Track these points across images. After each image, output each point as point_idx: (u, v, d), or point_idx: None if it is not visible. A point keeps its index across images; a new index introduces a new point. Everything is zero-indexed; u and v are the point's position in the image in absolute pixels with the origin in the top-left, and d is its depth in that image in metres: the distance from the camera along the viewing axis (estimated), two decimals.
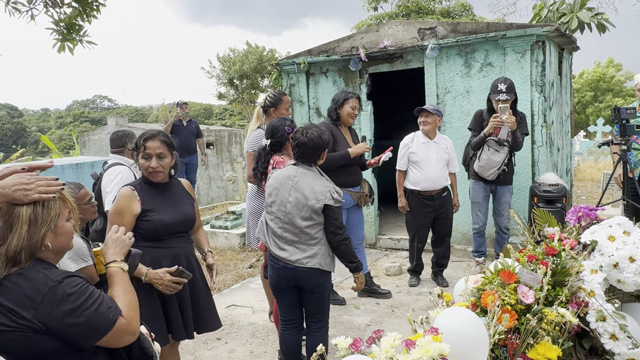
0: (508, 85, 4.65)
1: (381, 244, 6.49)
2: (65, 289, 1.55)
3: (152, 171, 2.63)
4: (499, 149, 4.78)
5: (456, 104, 5.90)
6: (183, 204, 2.77)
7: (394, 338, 1.49)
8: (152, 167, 2.62)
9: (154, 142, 2.64)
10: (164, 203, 2.67)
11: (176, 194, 2.79)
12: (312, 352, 3.04)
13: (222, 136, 13.23)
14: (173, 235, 2.69)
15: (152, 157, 2.62)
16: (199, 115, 47.19)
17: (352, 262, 3.01)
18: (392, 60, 6.24)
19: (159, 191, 2.70)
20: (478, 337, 1.54)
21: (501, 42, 5.49)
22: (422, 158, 4.67)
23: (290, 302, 3.08)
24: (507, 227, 5.04)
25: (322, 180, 2.97)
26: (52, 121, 57.94)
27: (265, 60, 24.09)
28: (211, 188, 12.41)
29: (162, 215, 2.62)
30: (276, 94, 3.97)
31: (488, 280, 1.92)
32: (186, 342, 3.87)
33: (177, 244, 2.72)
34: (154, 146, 2.63)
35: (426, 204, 4.73)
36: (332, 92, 6.57)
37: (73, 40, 5.71)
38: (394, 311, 4.37)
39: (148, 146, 2.62)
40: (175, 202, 2.74)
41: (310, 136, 2.95)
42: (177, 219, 2.69)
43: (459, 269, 5.35)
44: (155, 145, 2.63)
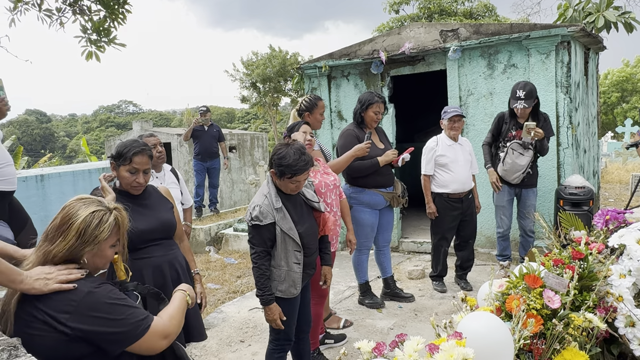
0: (527, 92, 4.58)
1: (404, 247, 6.45)
2: (101, 296, 1.60)
3: (137, 185, 2.57)
4: (524, 152, 4.71)
5: (479, 106, 5.84)
6: (160, 210, 2.67)
7: (417, 342, 1.48)
8: (139, 182, 2.55)
9: (143, 157, 2.56)
10: (137, 211, 2.52)
11: (152, 201, 2.68)
12: None
13: (245, 140, 13.34)
14: (151, 244, 2.58)
15: (139, 173, 2.55)
16: (222, 119, 47.67)
17: (257, 290, 2.76)
18: (414, 63, 6.21)
19: (133, 199, 2.58)
20: (503, 342, 1.53)
21: (525, 43, 5.42)
22: (451, 160, 4.62)
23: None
24: (532, 230, 4.96)
25: (259, 194, 2.81)
26: (79, 126, 59.21)
27: (288, 63, 24.22)
28: (234, 191, 12.52)
29: (135, 224, 2.41)
30: (312, 99, 3.98)
31: (513, 285, 1.90)
32: (210, 344, 3.91)
33: (157, 253, 2.59)
34: (142, 162, 2.56)
35: (454, 206, 4.68)
36: (353, 95, 6.58)
37: (100, 47, 5.84)
38: (417, 315, 4.34)
39: (136, 161, 2.54)
40: (150, 208, 2.64)
41: (279, 149, 2.77)
42: (151, 226, 2.57)
43: (482, 273, 5.29)
44: (143, 160, 2.56)
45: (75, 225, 1.63)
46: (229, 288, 5.52)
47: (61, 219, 1.66)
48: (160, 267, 2.57)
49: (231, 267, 6.41)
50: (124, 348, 1.61)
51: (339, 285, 5.18)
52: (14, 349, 1.40)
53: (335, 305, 4.59)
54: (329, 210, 3.45)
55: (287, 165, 2.68)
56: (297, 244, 2.76)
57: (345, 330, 4.05)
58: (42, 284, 1.57)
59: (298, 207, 2.86)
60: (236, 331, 4.20)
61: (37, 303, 1.56)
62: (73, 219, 1.64)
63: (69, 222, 1.64)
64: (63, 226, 1.65)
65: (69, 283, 1.60)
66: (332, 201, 3.51)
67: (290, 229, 2.73)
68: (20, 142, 29.82)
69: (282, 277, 2.76)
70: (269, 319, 2.77)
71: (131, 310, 1.64)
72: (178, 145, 11.37)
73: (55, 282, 1.58)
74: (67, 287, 1.58)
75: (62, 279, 1.59)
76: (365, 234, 4.34)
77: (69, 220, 1.64)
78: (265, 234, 2.69)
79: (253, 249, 2.73)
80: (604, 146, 16.84)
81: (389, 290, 4.67)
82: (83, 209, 1.67)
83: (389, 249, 4.66)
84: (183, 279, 2.66)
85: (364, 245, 4.39)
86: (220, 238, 7.69)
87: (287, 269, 2.76)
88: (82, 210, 1.66)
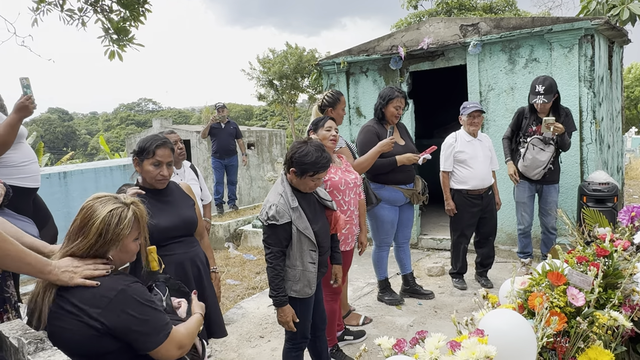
0: (547, 86, 4.51)
1: (423, 244, 6.42)
2: (132, 294, 1.63)
3: (161, 179, 2.57)
4: (545, 147, 4.64)
5: (500, 102, 5.77)
6: (181, 207, 2.67)
7: (438, 339, 1.47)
8: (163, 175, 2.56)
9: (165, 150, 2.58)
10: (159, 208, 2.54)
11: (174, 198, 2.68)
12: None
13: (263, 137, 13.39)
14: (173, 241, 2.58)
15: (163, 165, 2.56)
16: (240, 116, 47.90)
17: (271, 291, 2.72)
18: (433, 58, 6.16)
19: (155, 196, 2.59)
20: (525, 340, 1.51)
21: (547, 36, 5.33)
22: (470, 156, 4.57)
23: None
24: (554, 227, 4.89)
25: (273, 193, 2.79)
26: (100, 124, 60.09)
27: (305, 60, 24.22)
28: (252, 188, 12.58)
29: (157, 220, 2.45)
30: (334, 94, 3.96)
31: (535, 282, 1.88)
32: (230, 339, 3.94)
33: (179, 250, 2.59)
34: (165, 154, 2.57)
35: (474, 203, 4.63)
36: (372, 91, 6.55)
37: (122, 46, 5.91)
38: (436, 312, 4.31)
39: (159, 154, 2.55)
40: (172, 205, 2.64)
41: (298, 148, 2.75)
42: (174, 223, 2.57)
43: (503, 270, 5.23)
44: (165, 153, 2.57)
45: (95, 225, 1.66)
46: (248, 284, 5.55)
47: (81, 220, 1.69)
48: (182, 264, 2.58)
49: (250, 264, 6.44)
50: (146, 350, 1.64)
51: (358, 282, 5.17)
52: (40, 341, 1.43)
53: (354, 302, 4.59)
54: (345, 208, 3.44)
55: (310, 163, 2.68)
56: (312, 243, 2.75)
57: (365, 327, 4.04)
58: (68, 277, 1.60)
59: (312, 205, 2.86)
60: (255, 327, 4.23)
61: (69, 297, 1.60)
62: (93, 220, 1.67)
63: (89, 223, 1.67)
64: (84, 228, 1.68)
65: (93, 279, 1.63)
66: (350, 199, 3.49)
67: (306, 229, 2.72)
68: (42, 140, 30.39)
69: (297, 277, 2.75)
70: (282, 321, 2.75)
71: (158, 314, 1.68)
72: (197, 143, 11.47)
73: (80, 277, 1.61)
74: (91, 283, 1.61)
75: (87, 274, 1.62)
76: (385, 231, 4.32)
77: (89, 221, 1.67)
78: (282, 234, 2.68)
79: (268, 249, 2.71)
80: (628, 142, 16.50)
81: (409, 287, 4.64)
82: (101, 209, 1.69)
83: (409, 246, 4.64)
84: (204, 276, 2.69)
85: (384, 242, 4.38)
86: (239, 234, 7.74)
87: (302, 268, 2.76)
88: (100, 210, 1.68)
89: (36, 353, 1.42)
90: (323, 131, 3.40)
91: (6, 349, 1.60)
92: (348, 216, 3.44)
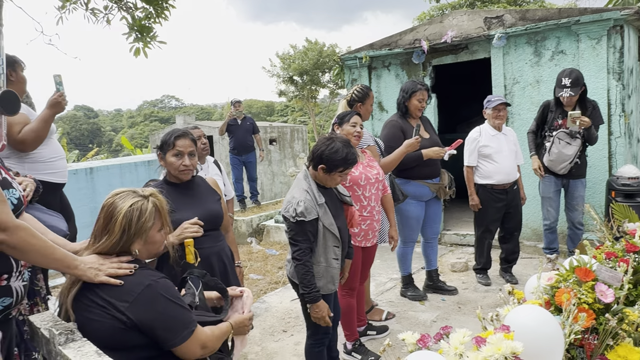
0: (573, 79, 4.41)
1: (446, 239, 6.37)
2: (159, 290, 1.65)
3: (184, 169, 2.59)
4: (571, 141, 4.55)
5: (525, 95, 5.67)
6: (207, 201, 2.68)
7: (463, 334, 1.46)
8: (185, 165, 2.58)
9: (185, 140, 2.60)
10: (186, 202, 2.57)
11: (200, 192, 2.71)
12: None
13: (285, 132, 13.44)
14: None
15: (184, 155, 2.58)
16: (261, 112, 48.12)
17: (303, 288, 2.69)
18: (456, 52, 6.08)
19: (181, 190, 2.62)
20: (552, 337, 1.48)
21: (574, 28, 5.22)
22: (495, 150, 4.50)
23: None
24: (581, 222, 4.80)
25: (299, 190, 2.77)
26: (124, 121, 61.05)
27: (325, 55, 24.17)
28: (274, 184, 12.65)
29: (183, 214, 2.48)
30: (363, 89, 3.94)
31: (563, 278, 1.84)
32: (253, 333, 3.98)
33: (206, 244, 2.58)
34: (185, 144, 2.59)
35: (499, 198, 4.57)
36: (394, 85, 6.51)
37: (146, 43, 5.99)
38: (460, 308, 4.28)
39: (179, 144, 2.58)
40: (199, 199, 2.65)
41: (327, 144, 2.74)
42: (200, 217, 2.57)
43: (528, 266, 5.16)
44: (186, 143, 2.60)
45: (118, 221, 1.69)
46: (270, 279, 5.59)
47: (104, 218, 1.72)
48: (208, 258, 2.60)
49: (272, 258, 6.49)
50: (170, 347, 1.66)
51: (381, 277, 5.16)
52: (70, 333, 1.46)
53: (376, 297, 4.58)
54: (365, 203, 3.42)
55: (341, 160, 2.69)
56: (337, 239, 2.77)
57: (388, 322, 4.04)
58: (93, 274, 1.64)
59: (333, 201, 2.87)
60: (279, 321, 4.26)
61: (98, 290, 1.63)
62: (115, 216, 1.69)
63: (112, 220, 1.70)
64: (108, 225, 1.71)
65: (118, 277, 1.66)
66: (371, 195, 3.44)
67: (331, 224, 2.73)
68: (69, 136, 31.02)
69: (321, 273, 2.76)
70: (317, 317, 2.73)
71: (183, 311, 1.69)
72: (220, 138, 11.58)
73: (105, 275, 1.64)
74: (114, 281, 1.64)
75: (111, 272, 1.65)
76: (410, 227, 4.29)
77: (112, 218, 1.70)
78: (310, 230, 2.68)
79: (296, 246, 2.70)
80: None
81: (432, 282, 4.61)
82: (121, 204, 1.71)
83: (437, 242, 4.61)
84: (229, 271, 2.71)
85: (409, 238, 4.35)
86: (262, 229, 7.79)
87: (325, 264, 2.77)
88: (120, 206, 1.71)
89: (66, 344, 1.46)
90: (348, 126, 3.38)
91: (38, 340, 1.64)
92: (368, 212, 3.42)
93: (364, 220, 3.39)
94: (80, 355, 1.39)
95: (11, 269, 1.82)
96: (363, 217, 3.38)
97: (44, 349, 1.60)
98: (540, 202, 5.01)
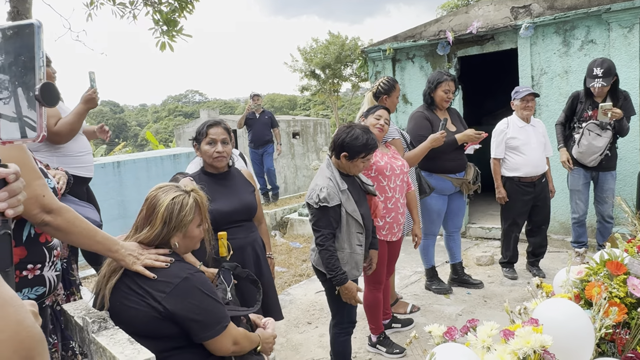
0: (605, 69, 4.29)
1: (471, 232, 6.30)
2: (195, 283, 1.70)
3: (217, 156, 2.65)
4: (602, 133, 4.44)
5: (553, 86, 5.56)
6: (242, 192, 2.74)
7: (491, 327, 1.45)
8: (219, 152, 2.64)
9: (218, 128, 2.68)
10: (221, 192, 2.63)
11: (235, 183, 2.77)
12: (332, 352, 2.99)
13: (308, 126, 13.45)
14: (234, 225, 2.64)
15: (217, 142, 2.65)
16: (284, 106, 48.24)
17: (329, 272, 2.73)
18: (482, 42, 5.99)
19: (217, 180, 2.69)
20: (582, 331, 1.46)
21: (605, 16, 5.08)
22: (523, 142, 4.42)
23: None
24: (610, 215, 4.69)
25: (322, 177, 2.80)
26: (149, 115, 61.96)
27: (347, 49, 24.04)
28: (297, 177, 12.69)
29: (219, 205, 2.53)
30: (389, 81, 3.91)
31: (593, 271, 1.81)
32: (278, 325, 4.00)
33: (239, 234, 2.65)
34: (218, 132, 2.67)
35: (526, 191, 4.49)
36: (419, 78, 6.45)
37: (171, 37, 6.06)
38: (486, 302, 4.24)
39: (212, 132, 2.66)
40: (234, 190, 2.72)
41: (347, 132, 2.79)
42: (235, 207, 2.64)
43: (556, 260, 5.07)
44: (219, 131, 2.67)
45: (160, 213, 1.75)
46: (294, 271, 5.62)
47: (146, 210, 1.78)
48: (242, 248, 2.65)
49: (296, 251, 6.52)
50: (202, 340, 1.69)
51: (405, 271, 5.15)
52: (103, 321, 1.50)
53: (401, 290, 4.57)
54: (389, 195, 3.40)
55: (362, 145, 2.73)
56: (360, 225, 2.79)
57: (412, 315, 4.03)
58: (131, 261, 1.69)
59: (357, 189, 2.90)
60: (303, 313, 4.28)
61: (136, 279, 1.68)
62: (157, 208, 1.76)
63: (154, 212, 1.76)
64: (150, 217, 1.77)
65: (152, 270, 1.70)
66: (396, 186, 3.43)
67: (354, 211, 2.76)
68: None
69: (345, 259, 2.79)
70: (348, 297, 2.77)
71: (217, 306, 1.73)
72: (243, 132, 11.65)
73: (142, 264, 1.69)
74: (149, 274, 1.68)
75: (148, 263, 1.69)
76: (431, 220, 4.27)
77: (154, 210, 1.76)
78: (332, 216, 2.72)
79: (319, 232, 2.73)
80: None
81: (457, 276, 4.58)
82: (164, 197, 1.78)
83: (459, 235, 4.57)
84: (262, 261, 2.76)
85: (430, 231, 4.32)
86: (286, 222, 7.83)
87: (349, 251, 2.79)
88: (163, 199, 1.77)
89: (99, 332, 1.50)
90: (372, 118, 3.38)
91: (71, 328, 1.69)
92: (393, 203, 3.40)
93: (389, 212, 3.38)
94: (113, 342, 1.42)
95: (44, 259, 1.87)
96: (388, 209, 3.37)
97: (78, 337, 1.64)
98: (568, 195, 4.92)
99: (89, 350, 1.54)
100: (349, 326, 2.98)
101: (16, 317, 0.52)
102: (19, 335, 0.52)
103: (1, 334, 0.50)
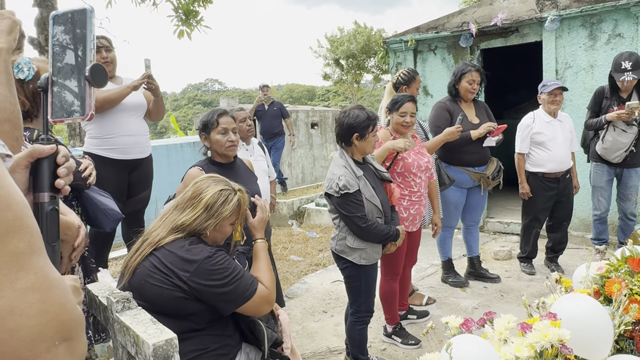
0: (634, 62, 4.19)
1: (489, 227, 6.26)
2: (218, 261, 1.75)
3: (230, 145, 2.68)
4: (627, 129, 4.36)
5: (578, 80, 5.47)
6: (248, 181, 2.76)
7: (508, 320, 1.45)
8: (232, 141, 2.67)
9: (227, 117, 2.71)
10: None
11: (241, 172, 2.81)
12: (347, 341, 3.07)
13: (326, 117, 13.43)
14: None
15: (229, 132, 2.67)
16: (302, 96, 48.16)
17: (385, 239, 2.84)
18: (506, 35, 5.91)
19: (225, 170, 2.66)
20: (601, 327, 1.46)
21: (634, 10, 4.97)
22: (549, 138, 4.34)
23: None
24: (633, 213, 4.62)
25: (337, 167, 2.83)
26: (168, 104, 62.35)
27: (373, 40, 23.89)
28: (315, 167, 12.69)
29: None
30: (410, 72, 3.89)
31: (614, 268, 1.80)
32: (294, 313, 4.06)
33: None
34: (229, 121, 2.70)
35: (550, 187, 4.43)
36: (440, 69, 6.39)
37: (190, 26, 6.10)
38: (502, 296, 4.22)
39: (222, 122, 2.68)
40: (241, 179, 2.69)
41: (347, 116, 2.83)
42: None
43: (575, 257, 5.02)
44: (229, 120, 2.70)
45: (204, 199, 1.81)
46: (311, 261, 5.66)
47: (192, 192, 1.84)
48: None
49: (313, 241, 6.55)
50: (235, 309, 1.75)
51: (421, 263, 5.14)
52: (127, 301, 1.54)
53: (417, 282, 4.57)
54: (415, 190, 3.40)
55: (366, 119, 2.77)
56: (379, 210, 2.83)
57: (428, 307, 4.03)
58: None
59: (372, 176, 2.92)
60: (319, 302, 4.32)
61: (162, 259, 1.72)
62: (203, 194, 1.82)
63: (200, 196, 1.82)
64: (194, 199, 1.82)
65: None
66: (421, 182, 3.43)
67: (372, 196, 2.80)
68: None
69: (365, 244, 2.83)
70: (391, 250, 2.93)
71: (241, 274, 1.78)
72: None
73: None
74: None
75: None
76: (448, 212, 4.25)
77: (200, 195, 1.82)
78: (356, 201, 2.74)
79: (352, 216, 2.72)
80: None
81: (474, 270, 4.56)
82: (212, 186, 1.84)
83: (477, 229, 4.54)
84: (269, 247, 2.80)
85: (447, 223, 4.30)
86: (303, 212, 7.87)
87: None
88: (211, 188, 1.83)
89: (123, 311, 1.54)
90: (397, 116, 3.36)
91: (95, 307, 1.74)
92: (417, 197, 3.41)
93: (412, 204, 3.40)
94: (137, 322, 1.46)
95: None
96: (412, 201, 3.40)
97: (101, 316, 1.69)
98: (590, 191, 4.85)
99: (112, 329, 1.59)
100: (366, 315, 3.00)
101: (59, 299, 0.56)
102: (61, 317, 0.56)
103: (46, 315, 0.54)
